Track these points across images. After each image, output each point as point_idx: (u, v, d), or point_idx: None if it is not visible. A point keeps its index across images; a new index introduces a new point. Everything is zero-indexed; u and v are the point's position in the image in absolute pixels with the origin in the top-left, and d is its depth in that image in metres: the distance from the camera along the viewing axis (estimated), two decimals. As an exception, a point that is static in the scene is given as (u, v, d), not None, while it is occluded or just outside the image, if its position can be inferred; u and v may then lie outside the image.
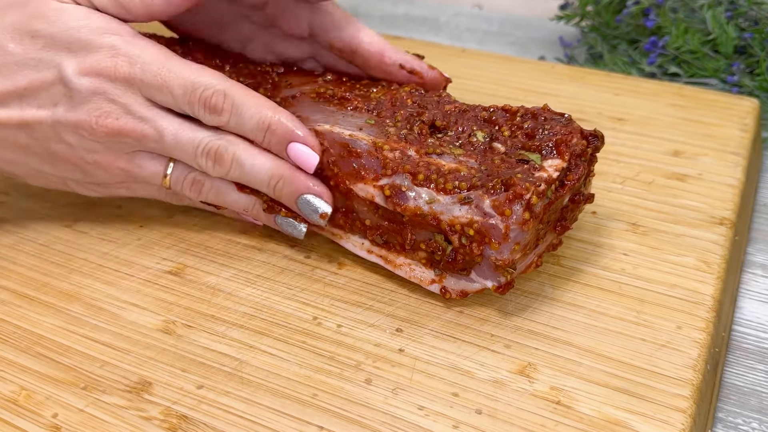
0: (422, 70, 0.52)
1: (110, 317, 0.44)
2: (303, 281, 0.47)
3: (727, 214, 0.52)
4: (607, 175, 0.56)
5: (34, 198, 0.55)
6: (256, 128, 0.44)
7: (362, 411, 0.38)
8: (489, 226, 0.40)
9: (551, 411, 0.38)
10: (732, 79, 0.72)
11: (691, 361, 0.40)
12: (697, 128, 0.62)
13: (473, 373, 0.40)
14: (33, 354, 0.42)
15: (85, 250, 0.49)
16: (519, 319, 0.43)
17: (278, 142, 0.44)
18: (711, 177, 0.56)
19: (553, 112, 0.45)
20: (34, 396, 0.39)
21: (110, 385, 0.40)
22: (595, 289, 0.46)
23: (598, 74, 0.72)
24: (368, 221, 0.45)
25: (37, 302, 0.45)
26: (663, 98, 0.67)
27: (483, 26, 1.00)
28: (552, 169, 0.41)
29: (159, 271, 0.48)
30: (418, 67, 0.52)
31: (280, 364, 0.41)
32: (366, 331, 0.43)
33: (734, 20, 0.74)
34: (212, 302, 0.45)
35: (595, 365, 0.40)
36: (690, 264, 0.47)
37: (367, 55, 0.52)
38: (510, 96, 0.68)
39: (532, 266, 0.43)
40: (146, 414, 0.38)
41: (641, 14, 0.80)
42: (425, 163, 0.43)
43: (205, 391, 0.39)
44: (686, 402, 0.38)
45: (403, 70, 0.52)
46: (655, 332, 0.42)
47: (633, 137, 0.61)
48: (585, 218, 0.51)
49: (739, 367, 0.46)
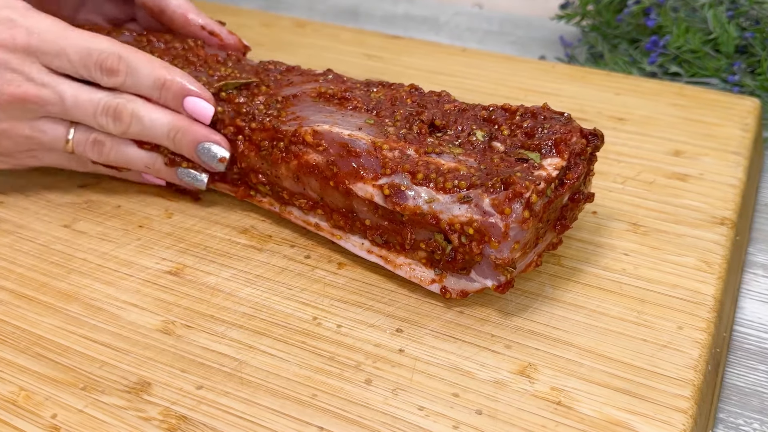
0: (221, 34, 0.58)
1: (109, 317, 0.44)
2: (303, 281, 0.47)
3: (728, 214, 0.52)
4: (607, 174, 0.56)
5: (33, 197, 0.55)
6: (152, 86, 0.48)
7: (362, 411, 0.38)
8: (489, 225, 0.40)
9: (552, 412, 0.38)
10: (733, 78, 0.72)
11: (692, 362, 0.40)
12: (698, 128, 0.62)
13: (473, 374, 0.40)
14: (32, 354, 0.42)
15: (84, 250, 0.49)
16: (519, 320, 0.43)
17: (174, 97, 0.48)
18: (712, 177, 0.56)
19: (552, 111, 0.45)
20: (33, 396, 0.39)
21: (109, 386, 0.40)
22: (595, 289, 0.46)
23: (598, 74, 0.72)
24: (368, 221, 0.45)
25: (36, 302, 0.45)
26: (664, 98, 0.67)
27: (483, 25, 1.00)
28: (551, 167, 0.41)
29: (158, 271, 0.48)
30: (218, 30, 0.58)
31: (279, 364, 0.41)
32: (366, 331, 0.43)
33: (735, 19, 0.74)
34: (212, 302, 0.45)
35: (596, 366, 0.40)
36: (691, 264, 0.47)
37: (173, 15, 0.57)
38: (510, 95, 0.68)
39: (532, 265, 0.43)
40: (145, 414, 0.38)
41: (642, 13, 0.80)
42: (424, 163, 0.43)
43: (205, 392, 0.39)
44: (687, 402, 0.38)
45: (205, 31, 0.57)
46: (656, 332, 0.42)
47: (634, 137, 0.61)
48: (585, 218, 0.51)
49: (740, 368, 0.46)
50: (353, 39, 0.81)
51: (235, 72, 0.53)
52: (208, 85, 0.51)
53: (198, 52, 0.56)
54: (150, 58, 0.48)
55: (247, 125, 0.49)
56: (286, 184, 0.48)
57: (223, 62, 0.55)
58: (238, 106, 0.50)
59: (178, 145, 0.49)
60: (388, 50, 0.78)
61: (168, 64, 0.49)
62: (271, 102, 0.50)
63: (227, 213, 0.53)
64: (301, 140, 0.46)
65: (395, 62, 0.75)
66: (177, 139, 0.48)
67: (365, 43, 0.79)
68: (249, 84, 0.52)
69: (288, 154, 0.47)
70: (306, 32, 0.83)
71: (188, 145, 0.49)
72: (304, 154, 0.46)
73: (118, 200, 0.54)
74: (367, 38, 0.81)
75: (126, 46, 0.48)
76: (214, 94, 0.50)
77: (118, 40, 0.52)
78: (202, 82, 0.51)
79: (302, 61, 0.74)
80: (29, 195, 0.55)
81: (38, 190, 0.55)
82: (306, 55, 0.77)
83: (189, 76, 0.49)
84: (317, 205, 0.48)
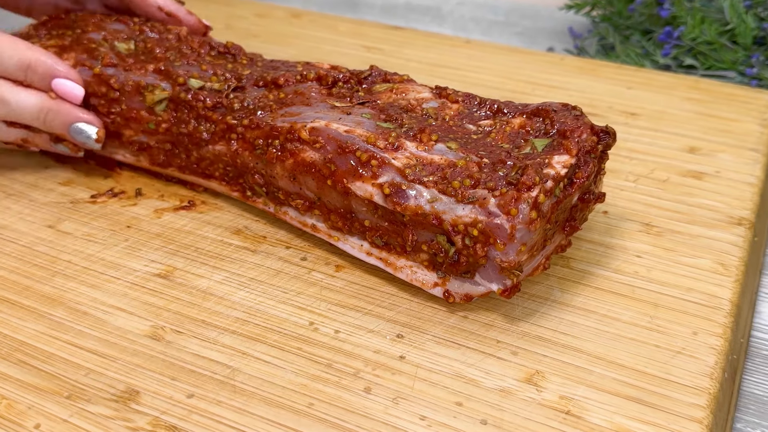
0: (179, 14, 0.60)
1: (96, 322, 0.44)
2: (299, 284, 0.47)
3: (745, 213, 0.52)
4: (619, 172, 0.56)
5: (15, 196, 0.55)
6: (17, 68, 0.50)
7: (361, 421, 0.38)
8: (494, 226, 0.40)
9: (560, 421, 0.38)
10: (751, 71, 0.72)
11: (707, 369, 0.40)
12: (714, 123, 0.62)
13: (478, 382, 0.40)
14: (14, 361, 0.42)
15: (69, 252, 0.49)
16: (526, 325, 0.43)
17: (41, 78, 0.51)
18: (728, 175, 0.56)
19: (562, 105, 0.45)
20: (16, 405, 0.39)
21: (96, 394, 0.40)
22: (606, 292, 0.46)
23: (609, 66, 0.72)
24: (367, 222, 0.45)
25: (18, 306, 0.45)
26: (678, 92, 0.67)
27: (488, 16, 1.00)
28: (560, 165, 0.41)
29: (147, 274, 0.48)
30: (176, 10, 0.60)
31: (274, 371, 0.41)
32: (365, 337, 0.43)
33: (753, 9, 0.74)
34: (203, 307, 0.45)
35: (607, 373, 0.40)
36: (706, 266, 0.47)
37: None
38: (517, 89, 0.68)
39: (539, 268, 0.43)
40: (133, 424, 0.38)
41: (655, 3, 0.80)
42: (425, 160, 0.43)
43: (196, 401, 0.39)
44: (702, 412, 0.38)
45: (162, 12, 0.59)
46: (670, 338, 0.42)
47: (646, 133, 0.61)
48: (596, 218, 0.51)
49: (758, 375, 0.47)
50: (352, 30, 0.81)
51: (229, 65, 0.54)
52: (201, 80, 0.51)
53: (191, 44, 0.56)
54: (14, 40, 0.50)
55: (239, 123, 0.49)
56: (282, 183, 0.48)
57: (216, 56, 0.56)
58: (230, 102, 0.50)
59: (50, 125, 0.52)
60: (388, 42, 0.78)
61: (33, 45, 0.52)
62: (265, 101, 0.50)
63: (219, 213, 0.53)
64: (297, 137, 0.46)
65: (396, 54, 0.75)
66: (48, 120, 0.51)
67: (364, 35, 0.79)
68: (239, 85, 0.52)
69: (284, 152, 0.47)
70: (302, 23, 0.83)
71: (61, 126, 0.52)
72: (301, 152, 0.46)
73: (103, 198, 0.54)
74: (367, 29, 0.81)
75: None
76: (213, 90, 0.51)
77: (109, 29, 0.53)
78: (193, 76, 0.52)
79: (298, 54, 0.75)
80: (11, 194, 0.55)
81: (21, 189, 0.55)
82: (302, 47, 0.77)
83: (55, 56, 0.51)
84: (314, 206, 0.48)
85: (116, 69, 0.53)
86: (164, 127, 0.52)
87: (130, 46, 0.56)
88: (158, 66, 0.53)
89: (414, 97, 0.49)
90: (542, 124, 0.44)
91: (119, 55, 0.54)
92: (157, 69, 0.53)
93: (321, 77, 0.51)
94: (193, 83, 0.51)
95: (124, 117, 0.53)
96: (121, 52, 0.55)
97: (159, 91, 0.52)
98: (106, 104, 0.53)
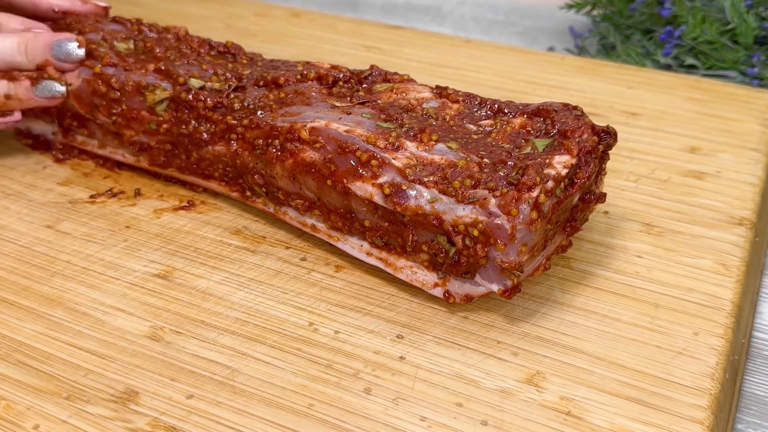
0: (74, 8, 0.60)
1: (95, 323, 0.44)
2: (298, 285, 0.47)
3: (746, 213, 0.52)
4: (619, 172, 0.56)
5: (14, 196, 0.55)
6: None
7: (361, 422, 0.38)
8: (494, 227, 0.40)
9: (561, 422, 0.38)
10: (752, 71, 0.72)
11: (708, 370, 0.40)
12: (715, 123, 0.62)
13: (478, 382, 0.40)
14: (13, 362, 0.42)
15: (68, 252, 0.49)
16: (527, 325, 0.43)
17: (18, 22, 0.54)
18: (730, 175, 0.56)
19: (563, 105, 0.45)
20: (14, 406, 0.39)
21: (95, 395, 0.40)
22: (607, 293, 0.46)
23: (610, 66, 0.73)
24: (367, 222, 0.45)
25: (17, 307, 0.45)
26: (679, 91, 0.67)
27: (489, 15, 1.00)
28: (560, 165, 0.41)
29: (146, 275, 0.48)
30: (69, 6, 0.60)
31: (274, 372, 0.41)
32: (365, 337, 0.43)
33: (755, 9, 0.74)
34: (202, 307, 0.45)
35: (608, 374, 0.40)
36: (707, 267, 0.47)
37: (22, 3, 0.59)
38: (517, 89, 0.68)
39: (540, 269, 0.43)
40: (133, 425, 0.38)
41: (656, 2, 0.80)
42: (426, 160, 0.43)
43: (195, 401, 0.39)
44: (704, 413, 0.38)
45: (59, 13, 0.60)
46: (671, 339, 0.42)
47: (647, 133, 0.61)
48: (597, 218, 0.51)
49: (759, 376, 0.47)
50: (351, 29, 0.81)
51: (229, 65, 0.54)
52: (201, 79, 0.51)
53: (191, 44, 0.56)
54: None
55: (239, 123, 0.49)
56: (282, 183, 0.48)
57: (216, 56, 0.56)
58: (230, 102, 0.50)
59: (33, 54, 0.53)
60: (388, 41, 0.78)
61: None
62: (265, 100, 0.50)
63: (219, 213, 0.53)
64: (297, 137, 0.46)
65: (396, 54, 0.75)
66: (30, 49, 0.53)
67: (364, 34, 0.79)
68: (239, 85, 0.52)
69: (283, 152, 0.47)
70: (301, 22, 0.83)
71: (43, 50, 0.53)
72: (300, 152, 0.46)
73: (102, 198, 0.54)
74: (367, 29, 0.81)
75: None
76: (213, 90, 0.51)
77: (106, 29, 0.53)
78: (194, 76, 0.52)
79: (298, 53, 0.75)
80: (9, 194, 0.55)
81: (19, 189, 0.55)
82: (302, 46, 0.77)
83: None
84: (314, 206, 0.48)
85: (116, 69, 0.53)
86: (165, 127, 0.52)
87: (129, 45, 0.56)
88: (159, 66, 0.53)
89: (414, 96, 0.49)
90: (543, 124, 0.45)
91: (119, 55, 0.55)
92: (158, 69, 0.53)
93: (321, 77, 0.51)
94: (193, 83, 0.51)
95: (125, 117, 0.53)
96: (120, 52, 0.55)
97: (160, 91, 0.52)
98: (106, 105, 0.53)
